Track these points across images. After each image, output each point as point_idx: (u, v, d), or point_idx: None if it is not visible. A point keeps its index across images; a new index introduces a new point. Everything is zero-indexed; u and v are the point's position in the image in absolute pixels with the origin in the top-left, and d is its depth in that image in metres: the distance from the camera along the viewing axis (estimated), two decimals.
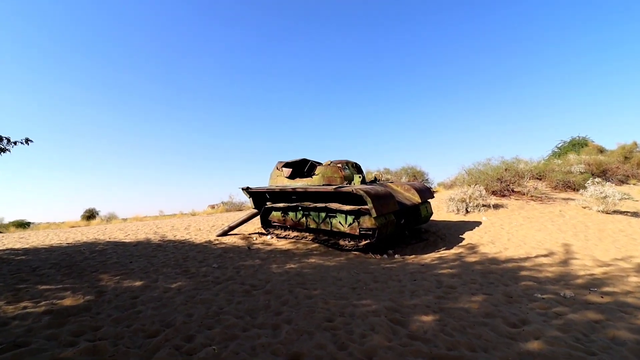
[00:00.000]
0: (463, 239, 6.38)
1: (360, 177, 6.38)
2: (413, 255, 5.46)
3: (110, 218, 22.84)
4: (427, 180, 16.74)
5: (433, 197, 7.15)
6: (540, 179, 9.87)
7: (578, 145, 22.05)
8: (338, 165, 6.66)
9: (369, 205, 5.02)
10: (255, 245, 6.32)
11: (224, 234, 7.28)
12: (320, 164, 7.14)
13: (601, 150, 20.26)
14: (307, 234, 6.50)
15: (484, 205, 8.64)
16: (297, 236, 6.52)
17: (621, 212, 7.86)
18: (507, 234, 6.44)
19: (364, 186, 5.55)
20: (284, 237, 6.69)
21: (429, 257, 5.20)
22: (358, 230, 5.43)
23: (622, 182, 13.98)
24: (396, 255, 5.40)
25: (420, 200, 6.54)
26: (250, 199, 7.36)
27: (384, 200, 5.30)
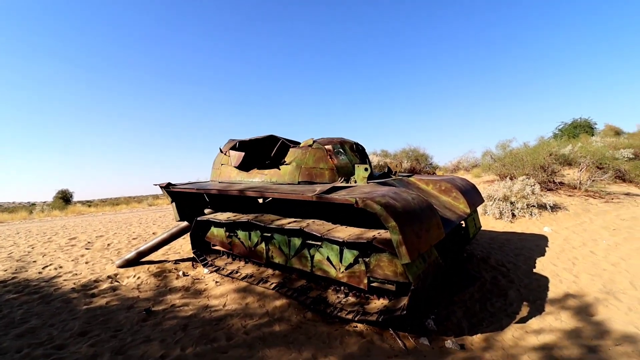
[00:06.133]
0: (545, 279, 3.66)
1: (366, 169, 3.44)
2: (479, 336, 2.66)
3: (53, 207, 19.43)
4: (431, 165, 14.06)
5: (483, 200, 4.36)
6: (601, 168, 7.28)
7: (580, 127, 19.86)
8: (326, 147, 3.68)
9: (395, 237, 2.16)
10: (166, 299, 3.37)
11: (130, 263, 4.27)
12: (297, 144, 4.14)
13: (618, 133, 18.11)
14: (270, 271, 3.61)
15: (535, 206, 5.96)
16: (252, 275, 3.61)
17: None
18: (616, 268, 3.77)
19: (378, 189, 2.64)
20: (229, 275, 3.75)
21: (522, 350, 2.42)
22: (366, 282, 2.60)
23: None
24: (449, 342, 2.54)
25: (469, 210, 3.72)
26: (173, 203, 4.31)
27: (422, 222, 2.43)
